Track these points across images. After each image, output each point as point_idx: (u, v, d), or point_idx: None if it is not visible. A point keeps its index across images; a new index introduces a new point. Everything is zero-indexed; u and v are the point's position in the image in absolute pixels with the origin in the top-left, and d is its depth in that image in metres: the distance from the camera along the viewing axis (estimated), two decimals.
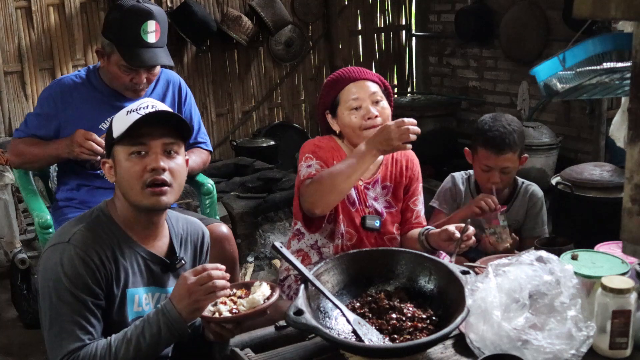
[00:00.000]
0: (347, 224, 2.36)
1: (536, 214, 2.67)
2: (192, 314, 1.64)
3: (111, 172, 1.78)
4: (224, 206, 3.96)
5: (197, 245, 1.96)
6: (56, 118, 2.55)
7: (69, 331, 1.61)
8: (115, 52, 2.47)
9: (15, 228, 3.69)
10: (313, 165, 2.27)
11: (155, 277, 1.82)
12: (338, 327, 1.67)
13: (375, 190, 2.42)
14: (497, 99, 5.63)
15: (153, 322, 1.64)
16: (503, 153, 2.49)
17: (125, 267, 1.73)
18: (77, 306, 1.62)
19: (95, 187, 2.58)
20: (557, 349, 1.47)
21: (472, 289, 1.61)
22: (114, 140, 1.73)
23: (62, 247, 1.66)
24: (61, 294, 1.62)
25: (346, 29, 6.00)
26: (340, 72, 2.37)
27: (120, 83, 2.54)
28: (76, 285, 1.62)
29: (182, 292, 1.63)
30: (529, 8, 5.07)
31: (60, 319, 1.62)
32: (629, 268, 1.71)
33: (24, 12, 4.54)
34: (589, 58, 2.91)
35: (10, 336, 3.32)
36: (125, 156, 1.72)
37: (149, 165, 1.70)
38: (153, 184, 1.71)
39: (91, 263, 1.65)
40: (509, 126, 2.53)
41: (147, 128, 1.70)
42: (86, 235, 1.69)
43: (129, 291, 1.75)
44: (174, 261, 1.84)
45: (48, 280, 1.64)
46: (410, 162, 2.49)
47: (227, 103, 5.53)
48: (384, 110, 2.30)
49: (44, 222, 2.52)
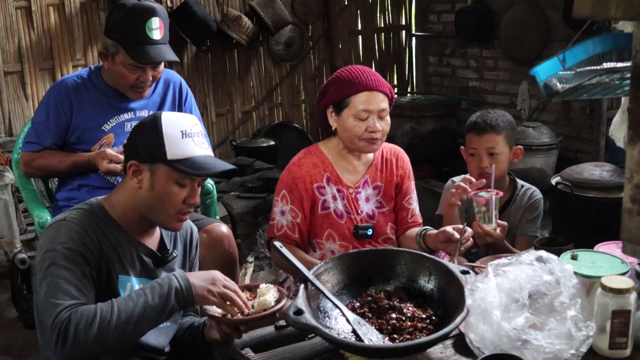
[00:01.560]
0: (339, 237, 2.38)
1: (533, 215, 2.62)
2: (200, 297, 1.65)
3: (137, 177, 1.76)
4: (224, 206, 3.96)
5: (186, 241, 1.99)
6: (65, 121, 2.54)
7: (65, 291, 1.58)
8: (120, 52, 2.46)
9: (15, 228, 3.68)
10: (286, 213, 2.35)
11: (147, 269, 1.83)
12: (338, 327, 1.66)
13: (367, 192, 2.42)
14: (497, 99, 5.63)
15: (163, 283, 1.64)
16: (485, 132, 2.50)
17: (117, 251, 1.75)
18: (74, 271, 1.62)
19: (95, 187, 2.58)
20: (556, 348, 1.47)
21: (472, 289, 1.61)
22: (165, 160, 1.72)
23: (58, 223, 1.70)
24: (58, 261, 1.61)
25: (346, 29, 6.00)
26: (356, 74, 2.31)
27: (125, 82, 2.53)
28: (73, 253, 1.63)
29: (205, 276, 1.69)
30: (529, 8, 5.07)
31: (56, 283, 1.59)
32: (629, 268, 1.71)
33: (24, 12, 4.54)
34: (589, 58, 2.91)
35: (10, 336, 3.32)
36: (169, 179, 1.74)
37: (190, 199, 1.77)
38: (184, 214, 1.79)
39: (86, 236, 1.67)
40: (494, 113, 2.57)
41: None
42: (83, 215, 1.73)
43: (122, 277, 1.75)
44: (165, 255, 1.87)
45: (46, 252, 1.64)
46: (400, 160, 2.48)
47: (227, 103, 5.53)
48: (387, 126, 2.33)
49: (44, 222, 2.52)
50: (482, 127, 2.52)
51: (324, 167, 2.38)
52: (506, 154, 2.55)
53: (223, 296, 1.67)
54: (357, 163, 2.42)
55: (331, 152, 2.42)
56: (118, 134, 2.57)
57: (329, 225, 2.37)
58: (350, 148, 2.36)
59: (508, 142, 2.55)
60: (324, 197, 2.37)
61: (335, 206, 2.37)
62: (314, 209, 2.37)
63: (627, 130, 1.23)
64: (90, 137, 2.56)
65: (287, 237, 2.34)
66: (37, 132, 2.58)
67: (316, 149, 2.44)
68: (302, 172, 2.36)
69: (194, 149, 1.74)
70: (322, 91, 2.41)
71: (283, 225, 2.35)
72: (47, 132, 2.56)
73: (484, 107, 5.60)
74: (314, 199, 2.36)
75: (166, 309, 1.62)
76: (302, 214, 2.35)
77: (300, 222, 2.35)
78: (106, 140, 2.56)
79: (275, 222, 2.37)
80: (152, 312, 1.60)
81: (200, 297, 1.66)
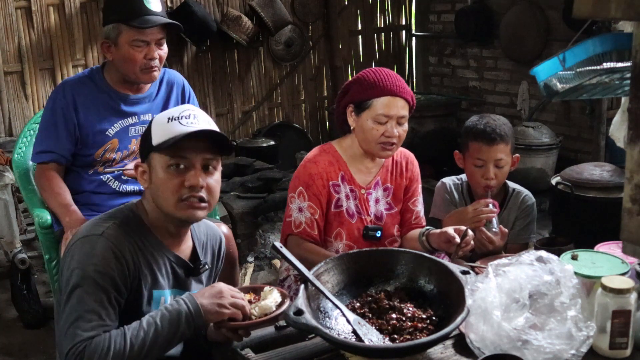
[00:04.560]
0: (347, 237, 2.38)
1: (526, 222, 2.57)
2: (212, 314, 1.64)
3: (144, 177, 1.75)
4: (224, 206, 3.96)
5: (215, 250, 1.97)
6: (73, 125, 2.50)
7: (87, 319, 1.56)
8: (122, 31, 2.44)
9: (15, 228, 3.68)
10: (304, 210, 2.33)
11: (179, 280, 1.82)
12: (338, 327, 1.66)
13: (377, 193, 2.43)
14: (497, 99, 5.63)
15: (172, 310, 1.62)
16: (495, 143, 2.42)
17: (152, 268, 1.73)
18: (101, 297, 1.59)
19: (96, 190, 2.57)
20: (557, 349, 1.47)
21: (472, 289, 1.61)
22: (152, 147, 1.70)
23: (94, 239, 1.64)
24: (87, 284, 1.58)
25: (346, 29, 6.00)
26: (381, 77, 2.29)
27: (134, 64, 2.47)
28: (104, 277, 1.60)
29: (212, 292, 1.67)
30: (529, 8, 5.07)
31: (80, 308, 1.57)
32: (629, 268, 1.71)
33: (24, 12, 4.54)
34: (589, 58, 2.90)
35: (10, 336, 3.32)
36: (164, 166, 1.69)
37: (188, 181, 1.69)
38: (189, 199, 1.70)
39: (122, 259, 1.63)
40: (498, 120, 2.50)
41: (189, 141, 1.68)
42: (119, 231, 1.67)
43: (156, 292, 1.74)
44: (197, 266, 1.84)
45: (75, 270, 1.61)
46: (410, 163, 2.49)
47: (227, 103, 5.53)
48: (404, 132, 2.32)
49: (44, 222, 2.52)
50: (492, 138, 2.43)
51: (339, 166, 2.38)
52: (509, 163, 2.50)
53: (235, 305, 1.66)
54: (369, 164, 2.42)
55: (346, 151, 2.41)
56: (122, 139, 2.56)
57: (339, 223, 2.37)
58: (365, 150, 2.36)
59: (511, 151, 2.51)
60: (338, 195, 2.36)
61: (347, 205, 2.37)
62: (327, 207, 2.37)
63: (627, 130, 1.22)
64: (95, 141, 2.53)
65: (306, 234, 2.33)
66: (47, 140, 2.52)
67: (330, 147, 2.43)
68: (319, 168, 2.35)
69: (179, 129, 1.68)
70: (344, 89, 2.39)
71: (301, 222, 2.33)
72: (58, 139, 2.51)
73: (484, 107, 5.63)
74: (329, 196, 2.35)
75: (177, 334, 1.61)
76: (320, 210, 2.34)
77: (318, 218, 2.34)
78: (110, 146, 2.55)
79: (293, 219, 2.35)
80: (163, 341, 1.59)
81: (212, 315, 1.64)
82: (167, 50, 2.59)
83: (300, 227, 2.34)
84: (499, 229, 2.32)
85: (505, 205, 2.58)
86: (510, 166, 2.51)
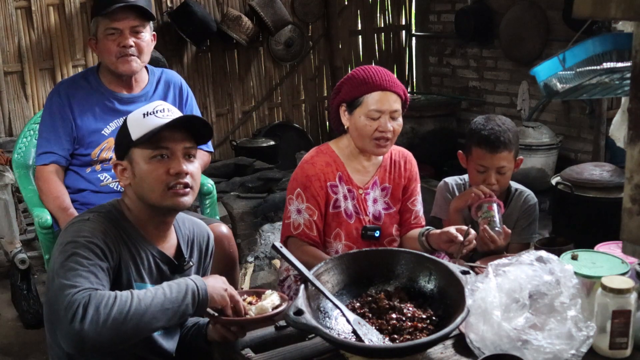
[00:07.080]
0: (345, 237, 2.37)
1: (528, 222, 2.57)
2: (215, 295, 1.67)
3: (125, 175, 1.78)
4: (224, 206, 3.96)
5: (202, 248, 1.98)
6: (70, 126, 2.53)
7: (84, 277, 1.57)
8: (99, 23, 2.50)
9: (15, 228, 3.68)
10: (303, 211, 2.33)
11: (163, 276, 1.82)
12: (338, 327, 1.66)
13: (375, 193, 2.42)
14: (497, 99, 5.63)
15: (180, 282, 1.65)
16: (498, 151, 2.41)
17: (135, 259, 1.75)
18: (94, 262, 1.61)
19: (95, 190, 2.58)
20: (557, 349, 1.47)
21: (472, 289, 1.61)
22: (132, 143, 1.74)
23: (81, 221, 1.71)
24: (79, 251, 1.61)
25: (346, 29, 6.00)
26: (371, 73, 2.30)
27: (110, 55, 2.51)
28: (94, 247, 1.63)
29: (217, 279, 1.72)
30: (529, 8, 5.07)
31: (76, 269, 1.58)
32: (629, 268, 1.71)
33: (24, 12, 4.54)
34: (589, 58, 2.91)
35: (10, 336, 3.32)
36: (146, 159, 1.74)
37: (173, 169, 1.73)
38: (176, 187, 1.74)
39: (107, 238, 1.68)
40: (503, 125, 2.46)
41: (168, 132, 1.73)
42: (104, 219, 1.73)
43: (137, 285, 1.75)
44: (182, 262, 1.86)
45: (67, 245, 1.63)
46: (408, 162, 2.49)
47: (227, 103, 5.53)
48: (398, 127, 2.33)
49: (44, 222, 2.52)
50: (495, 145, 2.41)
51: (336, 167, 2.38)
52: (512, 168, 2.49)
53: (232, 297, 1.70)
54: (367, 164, 2.42)
55: (343, 151, 2.41)
56: None
57: (338, 224, 2.37)
58: (361, 148, 2.36)
59: (515, 155, 2.50)
60: (336, 195, 2.36)
61: (345, 206, 2.37)
62: (326, 207, 2.37)
63: (627, 130, 1.23)
64: (91, 141, 2.55)
65: (305, 236, 2.33)
66: (47, 141, 2.55)
67: (327, 148, 2.43)
68: (316, 170, 2.35)
69: (157, 121, 1.73)
70: (336, 89, 2.40)
71: (300, 223, 2.34)
72: (57, 140, 2.54)
73: (484, 107, 5.63)
74: (327, 197, 2.36)
75: (182, 305, 1.61)
76: (319, 211, 2.34)
77: (317, 219, 2.34)
78: (106, 145, 2.56)
79: (292, 221, 2.35)
80: (169, 306, 1.58)
81: (216, 296, 1.67)
82: (150, 41, 2.61)
83: (299, 228, 2.34)
84: (502, 228, 2.32)
85: (507, 205, 2.58)
86: (513, 170, 2.51)
